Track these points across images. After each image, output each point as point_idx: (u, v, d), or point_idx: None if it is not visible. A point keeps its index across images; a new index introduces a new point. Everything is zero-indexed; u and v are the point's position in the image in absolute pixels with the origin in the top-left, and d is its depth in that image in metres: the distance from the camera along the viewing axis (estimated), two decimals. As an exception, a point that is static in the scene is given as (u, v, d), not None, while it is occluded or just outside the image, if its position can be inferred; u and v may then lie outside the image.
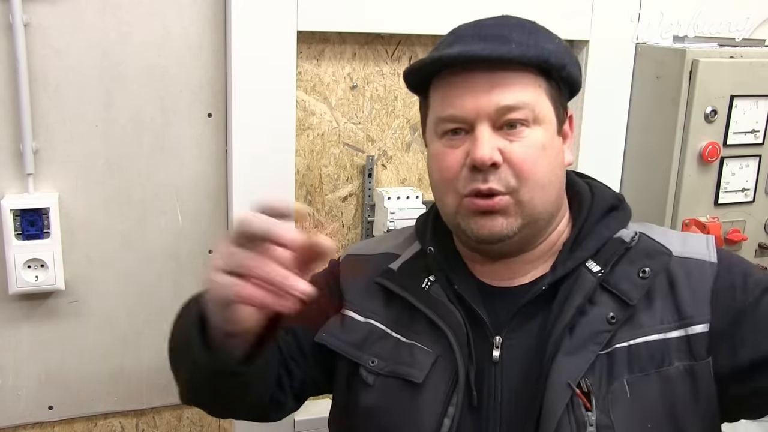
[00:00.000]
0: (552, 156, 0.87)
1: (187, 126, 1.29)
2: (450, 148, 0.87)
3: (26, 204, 1.19)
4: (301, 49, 1.30)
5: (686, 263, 0.88)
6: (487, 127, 0.84)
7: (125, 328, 1.33)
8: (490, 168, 0.83)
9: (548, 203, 0.88)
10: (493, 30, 0.87)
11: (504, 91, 0.84)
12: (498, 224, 0.85)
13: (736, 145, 1.39)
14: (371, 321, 0.95)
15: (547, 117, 0.87)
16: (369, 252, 1.04)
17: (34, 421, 1.32)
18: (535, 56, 0.84)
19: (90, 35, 1.20)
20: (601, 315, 0.84)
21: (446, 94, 0.87)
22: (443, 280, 0.93)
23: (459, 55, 0.84)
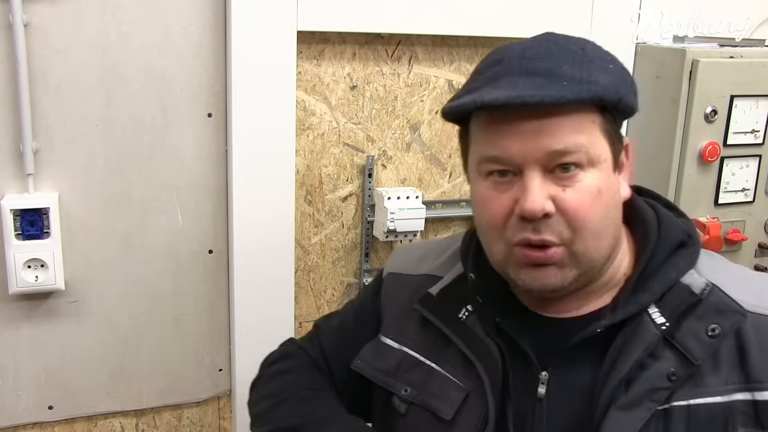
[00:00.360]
0: (608, 198, 0.79)
1: (187, 126, 1.29)
2: (496, 192, 0.79)
3: (26, 204, 1.19)
4: (301, 49, 1.30)
5: (759, 320, 0.78)
6: (538, 173, 0.76)
7: (125, 328, 1.33)
8: (541, 219, 0.76)
9: (603, 249, 0.80)
10: (541, 63, 0.77)
11: (555, 135, 0.75)
12: (551, 276, 0.79)
13: (736, 145, 1.39)
14: (404, 348, 0.92)
15: (602, 156, 0.78)
16: (411, 272, 0.99)
17: (34, 421, 1.32)
18: (589, 97, 0.75)
19: (90, 35, 1.20)
20: (662, 371, 0.77)
21: (490, 132, 0.79)
22: (482, 310, 0.86)
23: (507, 102, 0.74)
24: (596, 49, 0.81)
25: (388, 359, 0.93)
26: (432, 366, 0.89)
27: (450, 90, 1.43)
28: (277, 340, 1.38)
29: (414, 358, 0.91)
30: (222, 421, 1.46)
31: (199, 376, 1.40)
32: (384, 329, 0.96)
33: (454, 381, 0.86)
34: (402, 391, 0.90)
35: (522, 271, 0.80)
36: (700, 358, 0.77)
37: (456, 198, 1.49)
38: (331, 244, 1.43)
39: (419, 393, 0.88)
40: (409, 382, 0.90)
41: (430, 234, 1.49)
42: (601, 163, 0.78)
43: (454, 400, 0.85)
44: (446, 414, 0.85)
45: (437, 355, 0.89)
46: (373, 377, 0.93)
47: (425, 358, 0.90)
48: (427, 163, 1.45)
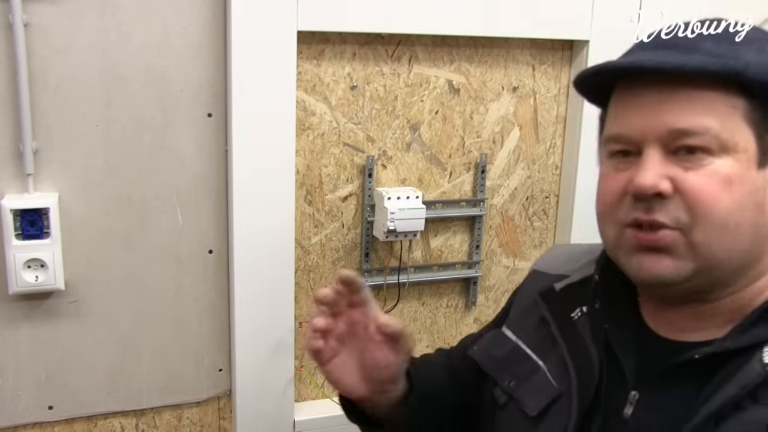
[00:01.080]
0: (743, 192, 0.70)
1: (187, 126, 1.29)
2: (615, 172, 0.75)
3: (26, 204, 1.19)
4: (301, 49, 1.30)
5: None
6: (657, 151, 0.71)
7: (125, 328, 1.33)
8: (655, 198, 0.70)
9: (733, 250, 0.71)
10: (681, 38, 0.73)
11: (680, 111, 0.69)
12: (662, 266, 0.71)
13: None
14: (519, 341, 0.90)
15: (741, 145, 0.69)
16: (551, 271, 0.95)
17: (34, 421, 1.32)
18: (720, 69, 0.68)
19: (90, 35, 1.20)
20: (762, 418, 0.66)
21: (617, 110, 0.75)
22: (596, 313, 0.82)
23: (618, 65, 0.71)
24: (759, 31, 0.74)
25: (502, 349, 0.91)
26: (538, 363, 0.86)
27: (450, 90, 1.43)
28: (277, 340, 1.39)
29: (524, 353, 0.88)
30: (222, 421, 1.46)
31: (199, 376, 1.41)
32: (508, 321, 0.95)
33: (550, 380, 0.83)
34: (506, 383, 0.87)
35: (632, 257, 0.74)
36: None
37: (456, 198, 1.49)
38: (331, 244, 1.43)
39: (518, 387, 0.86)
40: (514, 375, 0.87)
41: (430, 234, 1.49)
42: (738, 152, 0.70)
43: (541, 399, 0.82)
44: (532, 410, 0.82)
45: (545, 353, 0.86)
46: (482, 363, 0.92)
47: (534, 354, 0.87)
48: (427, 163, 1.45)
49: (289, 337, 1.39)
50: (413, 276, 1.48)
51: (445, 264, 1.52)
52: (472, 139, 1.47)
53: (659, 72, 0.70)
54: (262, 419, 1.41)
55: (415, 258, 1.49)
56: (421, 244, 1.49)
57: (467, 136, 1.47)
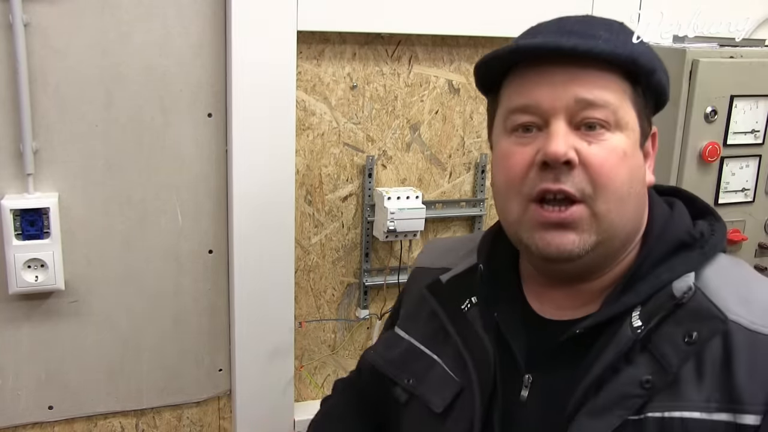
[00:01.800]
0: (634, 166, 0.76)
1: (187, 126, 1.29)
2: (519, 146, 0.77)
3: (26, 204, 1.19)
4: (301, 49, 1.30)
5: (756, 338, 0.72)
6: (564, 123, 0.74)
7: (125, 328, 1.33)
8: (563, 167, 0.73)
9: (626, 220, 0.76)
10: (578, 26, 0.78)
11: (585, 85, 0.74)
12: (569, 241, 0.74)
13: (736, 145, 1.39)
14: (411, 339, 0.92)
15: (630, 124, 0.76)
16: (433, 265, 0.98)
17: (34, 421, 1.32)
18: (623, 53, 0.74)
19: (90, 35, 1.20)
20: (635, 377, 0.72)
21: (520, 85, 0.78)
22: (484, 303, 0.84)
23: (541, 45, 0.75)
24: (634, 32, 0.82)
25: (396, 350, 0.93)
26: (434, 358, 0.88)
27: (450, 90, 1.43)
28: (277, 339, 1.39)
29: (418, 350, 0.90)
30: (222, 421, 1.46)
31: (199, 376, 1.41)
32: (399, 320, 0.97)
33: (450, 375, 0.85)
34: (405, 381, 0.89)
35: (536, 234, 0.76)
36: (675, 365, 0.71)
37: (456, 198, 1.49)
38: (331, 244, 1.43)
39: (419, 385, 0.87)
40: (412, 373, 0.89)
41: (429, 234, 1.49)
42: (628, 130, 0.76)
43: (446, 395, 0.84)
44: (437, 407, 0.84)
45: (439, 347, 0.88)
46: (380, 367, 0.93)
47: (428, 350, 0.89)
48: (427, 163, 1.45)
49: (289, 337, 1.39)
50: (413, 276, 1.48)
51: (445, 264, 1.52)
52: (472, 139, 1.47)
53: (573, 52, 0.74)
54: (262, 419, 1.41)
55: (415, 258, 1.49)
56: (421, 244, 1.49)
57: (467, 136, 1.47)
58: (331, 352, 1.49)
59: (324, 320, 1.46)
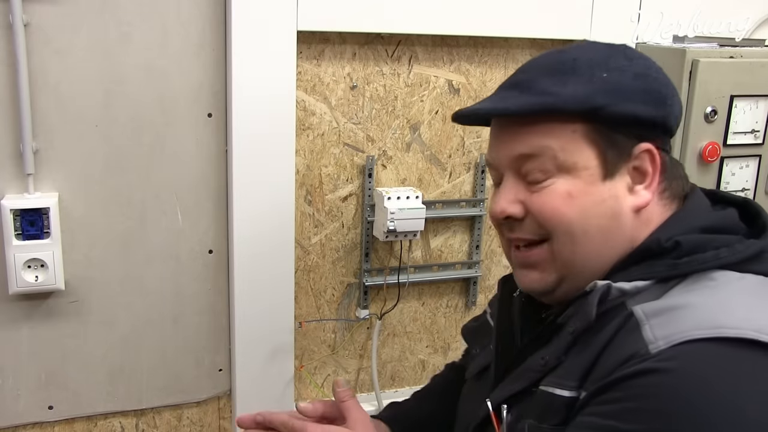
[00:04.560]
0: (585, 204, 0.78)
1: (187, 126, 1.29)
2: (495, 195, 0.85)
3: (26, 204, 1.19)
4: (301, 49, 1.30)
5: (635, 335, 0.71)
6: (512, 177, 0.82)
7: (125, 328, 1.33)
8: (511, 220, 0.82)
9: (590, 254, 0.79)
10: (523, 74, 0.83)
11: (523, 140, 0.80)
12: (533, 279, 0.83)
13: (736, 145, 1.39)
14: (487, 315, 1.03)
15: (580, 163, 0.78)
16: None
17: (34, 421, 1.32)
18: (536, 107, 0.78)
19: (90, 35, 1.20)
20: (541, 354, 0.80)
21: (489, 140, 0.87)
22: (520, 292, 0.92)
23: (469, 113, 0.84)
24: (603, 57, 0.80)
25: (477, 323, 1.05)
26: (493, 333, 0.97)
27: (450, 90, 1.43)
28: (277, 339, 1.39)
29: (490, 324, 1.00)
30: (222, 421, 1.46)
31: (199, 376, 1.41)
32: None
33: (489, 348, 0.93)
34: (474, 350, 1.02)
35: (516, 270, 0.86)
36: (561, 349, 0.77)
37: (456, 198, 1.49)
38: (331, 244, 1.43)
39: (478, 354, 0.98)
40: (480, 344, 1.00)
41: (429, 234, 1.49)
42: (578, 170, 0.78)
43: (480, 364, 0.94)
44: (469, 373, 0.96)
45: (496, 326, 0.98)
46: (464, 337, 1.06)
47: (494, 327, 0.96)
48: (427, 163, 1.45)
49: (289, 337, 1.39)
50: (413, 276, 1.48)
51: (445, 264, 1.52)
52: (472, 139, 1.47)
53: (493, 115, 0.84)
54: (262, 419, 1.41)
55: (415, 258, 1.49)
56: (421, 244, 1.49)
57: (467, 136, 1.47)
58: (331, 352, 1.49)
59: (324, 320, 1.46)
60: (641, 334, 0.70)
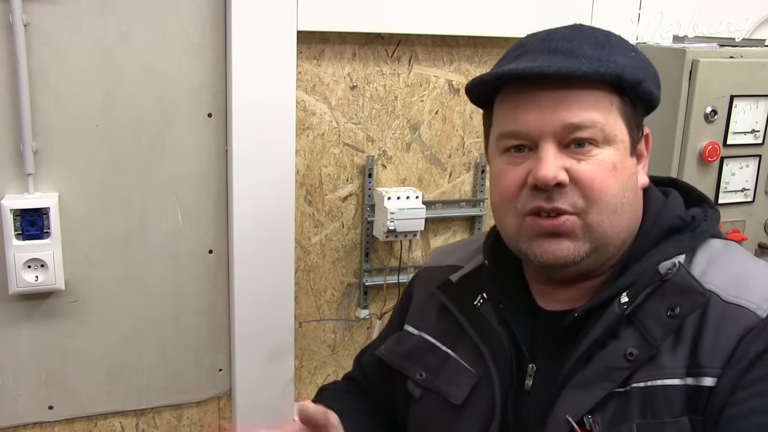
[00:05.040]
0: (624, 177, 0.80)
1: (187, 126, 1.29)
2: (511, 166, 0.81)
3: (26, 204, 1.19)
4: (301, 49, 1.30)
5: (728, 309, 0.75)
6: (552, 146, 0.78)
7: (125, 328, 1.33)
8: (554, 188, 0.77)
9: (620, 228, 0.80)
10: (562, 44, 0.80)
11: (571, 108, 0.77)
12: (564, 248, 0.79)
13: (736, 145, 1.39)
14: (423, 334, 0.95)
15: (619, 137, 0.79)
16: (437, 263, 1.02)
17: (34, 421, 1.32)
18: (607, 72, 0.77)
19: (90, 35, 1.20)
20: (620, 350, 0.76)
21: (510, 109, 0.81)
22: (495, 298, 0.88)
23: (524, 72, 0.77)
24: (621, 39, 0.83)
25: (407, 345, 0.95)
26: (447, 352, 0.91)
27: (450, 90, 1.43)
28: (277, 339, 1.39)
29: (431, 344, 0.93)
30: (222, 421, 1.46)
31: (199, 376, 1.41)
32: (408, 317, 0.99)
33: (466, 367, 0.88)
34: (417, 376, 0.92)
35: (534, 243, 0.80)
36: (659, 338, 0.75)
37: (456, 198, 1.49)
38: (331, 244, 1.43)
39: (433, 378, 0.90)
40: (424, 367, 0.92)
41: (429, 234, 1.49)
42: (617, 143, 0.79)
43: (464, 386, 0.87)
44: (456, 399, 0.87)
45: (453, 342, 0.91)
46: (391, 362, 0.96)
47: (442, 344, 0.92)
48: (427, 163, 1.45)
49: (289, 337, 1.39)
50: (413, 276, 1.48)
51: (445, 264, 1.52)
52: (472, 139, 1.47)
53: (557, 77, 0.77)
54: (262, 419, 1.41)
55: (415, 258, 1.49)
56: (421, 244, 1.49)
57: (467, 136, 1.47)
58: (331, 352, 1.49)
59: (324, 320, 1.46)
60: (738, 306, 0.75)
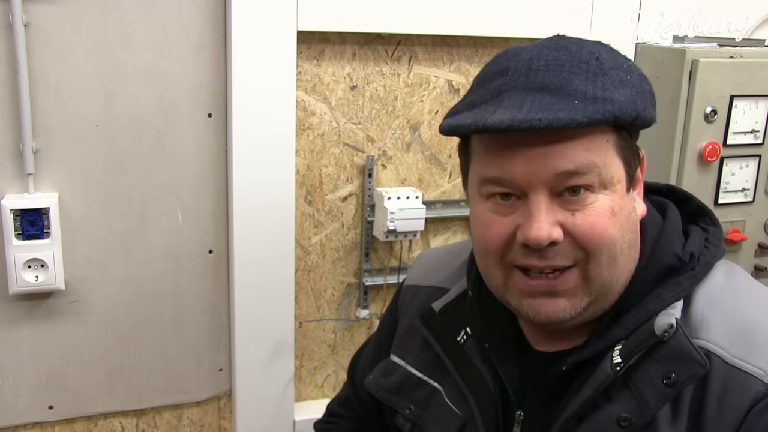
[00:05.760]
0: (623, 220, 0.71)
1: (187, 126, 1.29)
2: (497, 215, 0.72)
3: (26, 204, 1.19)
4: (301, 49, 1.30)
5: (733, 374, 0.68)
6: (544, 197, 0.69)
7: (125, 328, 1.33)
8: (548, 246, 0.69)
9: (619, 275, 0.73)
10: (549, 76, 0.69)
11: (565, 155, 0.68)
12: (560, 308, 0.72)
13: (736, 145, 1.39)
14: (408, 367, 0.89)
15: (616, 177, 0.71)
16: (423, 283, 0.95)
17: (34, 421, 1.32)
18: (603, 118, 0.67)
19: (90, 35, 1.20)
20: (613, 414, 0.70)
21: (492, 153, 0.72)
22: (479, 335, 0.81)
23: (510, 126, 0.66)
24: (612, 56, 0.73)
25: (394, 377, 0.90)
26: (434, 386, 0.86)
27: (450, 90, 1.43)
28: (277, 340, 1.39)
29: (416, 378, 0.88)
30: (222, 421, 1.46)
31: (199, 376, 1.41)
32: (393, 346, 0.93)
33: (452, 408, 0.83)
34: (406, 411, 0.87)
35: (525, 301, 0.73)
36: (654, 407, 0.69)
37: (456, 198, 1.49)
38: (331, 244, 1.43)
39: (422, 413, 0.86)
40: (412, 401, 0.87)
41: (429, 234, 1.49)
42: (614, 185, 0.71)
43: (450, 427, 0.82)
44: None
45: (439, 375, 0.86)
46: (380, 396, 0.91)
47: (428, 378, 0.87)
48: (427, 163, 1.45)
49: (289, 337, 1.39)
50: (413, 276, 1.48)
51: (445, 264, 1.52)
52: (472, 139, 1.47)
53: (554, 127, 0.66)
54: (262, 419, 1.41)
55: (414, 258, 1.49)
56: (421, 244, 1.49)
57: (467, 136, 1.47)
58: (331, 352, 1.49)
59: (324, 320, 1.46)
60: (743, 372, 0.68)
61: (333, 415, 1.07)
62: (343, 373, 1.51)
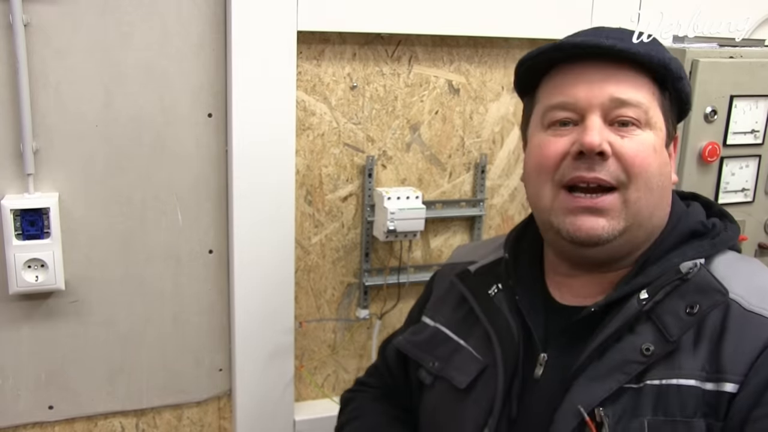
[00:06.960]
0: (662, 162, 0.83)
1: (187, 126, 1.29)
2: (555, 137, 0.83)
3: (26, 204, 1.19)
4: (301, 49, 1.30)
5: (751, 317, 0.77)
6: (599, 118, 0.81)
7: (125, 328, 1.33)
8: (597, 157, 0.80)
9: (653, 209, 0.83)
10: (614, 33, 0.84)
11: (620, 85, 0.81)
12: (599, 226, 0.80)
13: (736, 145, 1.39)
14: (438, 325, 0.98)
15: (659, 124, 0.83)
16: (459, 260, 1.05)
17: (34, 421, 1.32)
18: (656, 56, 0.81)
19: (90, 35, 1.20)
20: (636, 344, 0.77)
21: (559, 83, 0.85)
22: (510, 288, 0.90)
23: (582, 43, 0.82)
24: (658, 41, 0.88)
25: (423, 334, 0.99)
26: (459, 342, 0.94)
27: (450, 90, 1.43)
28: (277, 339, 1.39)
29: (444, 334, 0.96)
30: (222, 421, 1.46)
31: (199, 376, 1.41)
32: (425, 310, 1.03)
33: (475, 355, 0.90)
34: (430, 364, 0.95)
35: (567, 218, 0.82)
36: (675, 335, 0.76)
37: (456, 198, 1.49)
38: (331, 244, 1.43)
39: (444, 366, 0.93)
40: (437, 356, 0.95)
41: (429, 234, 1.49)
42: (657, 130, 0.83)
43: (470, 371, 0.89)
44: (461, 383, 0.89)
45: (466, 332, 0.94)
46: (407, 351, 1.00)
47: (454, 334, 0.95)
48: (427, 163, 1.45)
49: (289, 337, 1.39)
50: (413, 276, 1.48)
51: (445, 264, 1.52)
52: (472, 139, 1.47)
53: (611, 51, 0.81)
54: (262, 419, 1.41)
55: (415, 258, 1.49)
56: (421, 244, 1.49)
57: (467, 136, 1.47)
58: (331, 352, 1.49)
59: (324, 320, 1.46)
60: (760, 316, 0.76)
61: (361, 384, 1.14)
62: (343, 373, 1.51)
